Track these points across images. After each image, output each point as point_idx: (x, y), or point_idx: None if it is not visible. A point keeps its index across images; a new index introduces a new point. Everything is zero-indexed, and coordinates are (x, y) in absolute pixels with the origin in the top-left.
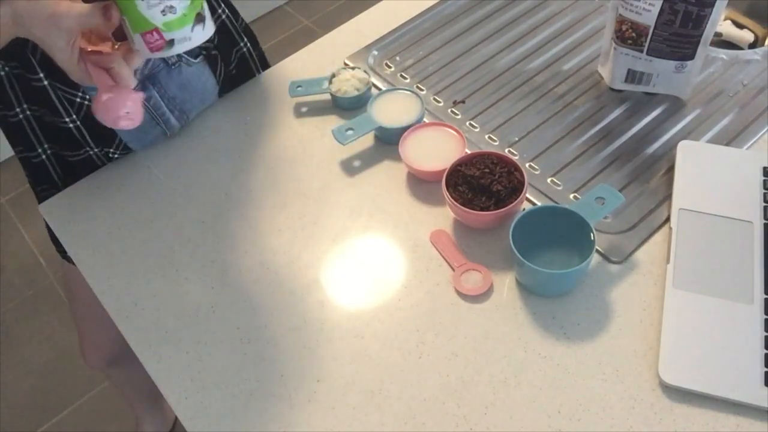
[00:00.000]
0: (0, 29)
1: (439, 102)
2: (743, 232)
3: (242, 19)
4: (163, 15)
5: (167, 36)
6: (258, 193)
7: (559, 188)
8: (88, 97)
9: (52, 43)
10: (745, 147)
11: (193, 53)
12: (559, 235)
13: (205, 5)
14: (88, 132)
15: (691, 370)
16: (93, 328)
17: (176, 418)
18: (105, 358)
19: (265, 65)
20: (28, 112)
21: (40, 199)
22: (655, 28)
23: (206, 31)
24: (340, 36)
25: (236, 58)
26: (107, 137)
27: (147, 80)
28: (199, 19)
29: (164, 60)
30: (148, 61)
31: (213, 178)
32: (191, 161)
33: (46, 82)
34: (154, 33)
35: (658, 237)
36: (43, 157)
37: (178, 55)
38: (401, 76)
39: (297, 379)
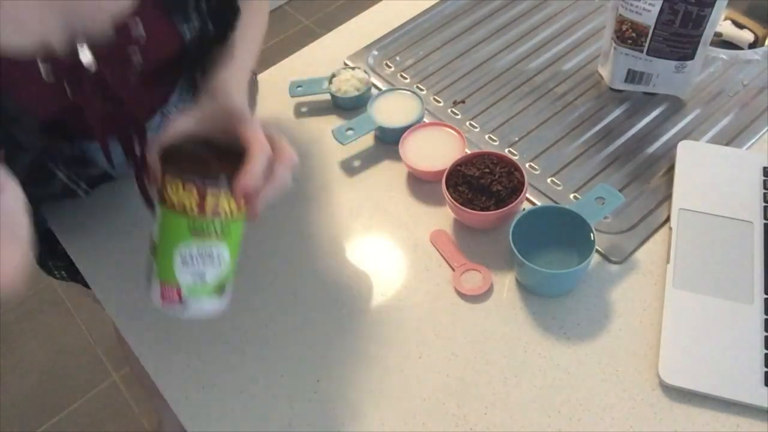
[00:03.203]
0: None
1: (439, 102)
2: (743, 232)
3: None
4: (192, 278)
5: (184, 298)
6: None
7: (559, 188)
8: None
9: None
10: (745, 147)
11: None
12: (559, 235)
13: (231, 284)
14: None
15: (691, 370)
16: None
17: None
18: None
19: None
20: None
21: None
22: (655, 28)
23: (222, 302)
24: (340, 36)
25: None
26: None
27: None
28: (220, 291)
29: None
30: (159, 127)
31: None
32: None
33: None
34: (174, 291)
35: (658, 237)
36: None
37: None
38: (401, 76)
39: (297, 379)
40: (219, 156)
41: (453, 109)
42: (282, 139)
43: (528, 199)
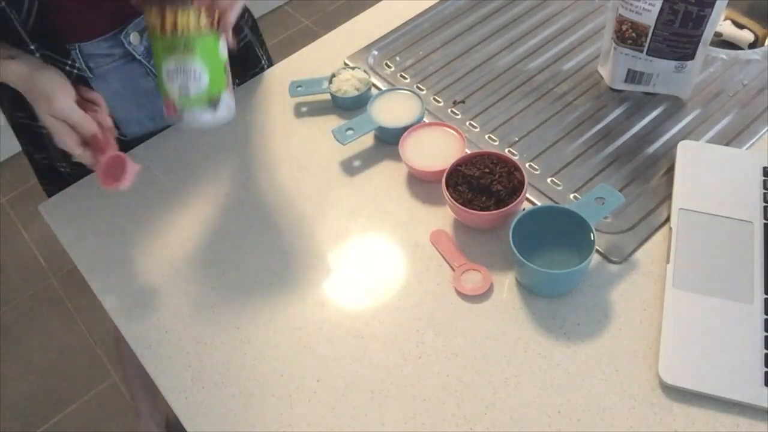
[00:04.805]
0: (9, 76)
1: (439, 102)
2: (743, 232)
3: (249, 15)
4: (179, 91)
5: (178, 109)
6: (258, 193)
7: (559, 188)
8: (77, 65)
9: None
10: (745, 147)
11: None
12: (559, 235)
13: (225, 93)
14: None
15: (691, 370)
16: (147, 395)
17: (168, 414)
18: (161, 422)
19: (269, 60)
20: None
21: (49, 193)
22: (655, 28)
23: (216, 114)
24: (340, 36)
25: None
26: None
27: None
28: (210, 103)
29: None
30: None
31: (213, 178)
32: (191, 161)
33: (38, 54)
34: (170, 103)
35: (658, 237)
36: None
37: None
38: (401, 76)
39: (297, 379)
40: None
41: (453, 109)
42: None
43: (528, 199)
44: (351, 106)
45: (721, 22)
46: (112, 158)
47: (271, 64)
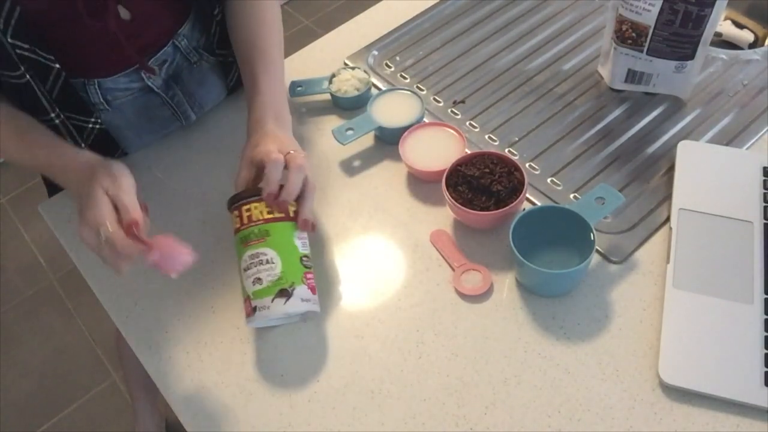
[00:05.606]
0: (77, 157)
1: (439, 102)
2: (743, 232)
3: None
4: (252, 282)
5: (252, 303)
6: None
7: (559, 188)
8: (100, 122)
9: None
10: (745, 147)
11: (211, 51)
12: (559, 235)
13: (300, 289)
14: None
15: (691, 370)
16: (147, 395)
17: (168, 414)
18: (160, 423)
19: None
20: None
21: (49, 193)
22: (655, 28)
23: (287, 306)
24: (340, 36)
25: None
26: (111, 146)
27: (170, 79)
28: (282, 294)
29: (186, 58)
30: (172, 61)
31: (213, 178)
32: (191, 161)
33: (57, 121)
34: (248, 303)
35: (658, 237)
36: None
37: (199, 54)
38: (401, 76)
39: (297, 379)
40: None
41: (453, 109)
42: (291, 148)
43: (528, 199)
44: (351, 106)
45: (721, 22)
46: (168, 245)
47: None
